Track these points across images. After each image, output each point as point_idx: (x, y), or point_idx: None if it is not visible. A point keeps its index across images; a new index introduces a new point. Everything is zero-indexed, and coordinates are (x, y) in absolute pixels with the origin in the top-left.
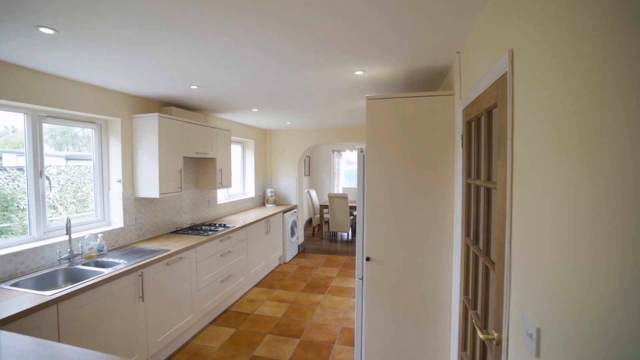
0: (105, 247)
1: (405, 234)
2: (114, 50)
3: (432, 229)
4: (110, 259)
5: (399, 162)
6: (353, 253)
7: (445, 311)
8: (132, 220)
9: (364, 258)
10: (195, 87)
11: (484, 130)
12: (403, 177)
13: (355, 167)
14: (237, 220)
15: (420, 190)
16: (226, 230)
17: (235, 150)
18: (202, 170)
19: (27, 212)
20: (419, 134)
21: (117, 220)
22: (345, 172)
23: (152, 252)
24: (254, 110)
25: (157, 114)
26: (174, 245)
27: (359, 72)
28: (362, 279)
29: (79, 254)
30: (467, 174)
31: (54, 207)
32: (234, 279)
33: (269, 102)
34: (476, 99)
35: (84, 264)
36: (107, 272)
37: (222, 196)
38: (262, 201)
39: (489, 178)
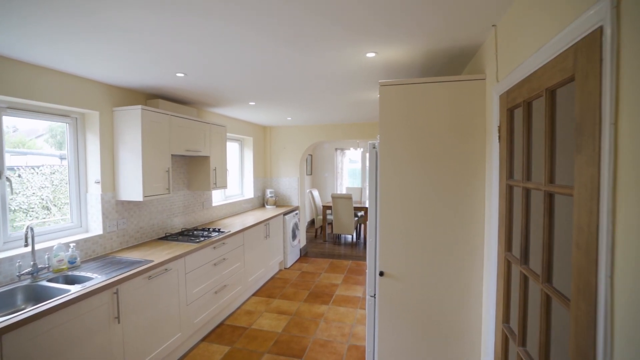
0: (78, 259)
1: (425, 245)
2: (88, 30)
3: (459, 239)
4: (83, 273)
5: (418, 159)
6: (358, 257)
7: (475, 339)
8: (113, 226)
9: (377, 272)
10: (181, 74)
11: (545, 116)
12: (422, 177)
13: (359, 166)
14: (234, 224)
15: (443, 192)
16: (220, 236)
17: (233, 148)
18: (194, 169)
19: None
20: (441, 125)
21: (95, 227)
22: (348, 171)
23: (133, 263)
24: (250, 103)
25: (139, 106)
26: (159, 254)
27: (370, 55)
28: (374, 296)
29: (45, 268)
30: (508, 173)
31: (47, 208)
32: (230, 289)
33: (266, 93)
34: (528, 77)
35: (50, 280)
36: (74, 290)
37: (218, 197)
38: (262, 202)
39: (551, 180)
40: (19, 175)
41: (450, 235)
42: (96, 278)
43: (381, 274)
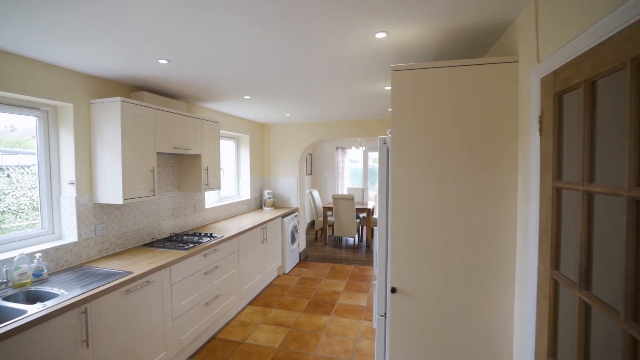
0: (45, 271)
1: (446, 257)
2: (54, 6)
3: (486, 250)
4: (49, 288)
5: (436, 156)
6: (361, 261)
7: None
8: (91, 232)
9: (388, 288)
10: (164, 61)
11: (631, 96)
12: (442, 177)
13: (360, 165)
14: (229, 228)
15: (467, 195)
16: (212, 242)
17: (228, 146)
18: (184, 169)
19: None
20: (464, 117)
21: (69, 233)
22: (349, 171)
23: (109, 276)
24: (245, 97)
25: (118, 98)
26: (141, 264)
27: (380, 35)
28: (384, 315)
29: (3, 283)
30: (556, 173)
31: (38, 209)
32: (222, 299)
33: (263, 85)
34: (595, 49)
35: (7, 297)
36: (32, 311)
37: (212, 199)
38: (259, 204)
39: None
40: (8, 175)
41: (476, 246)
42: (62, 295)
43: (393, 290)
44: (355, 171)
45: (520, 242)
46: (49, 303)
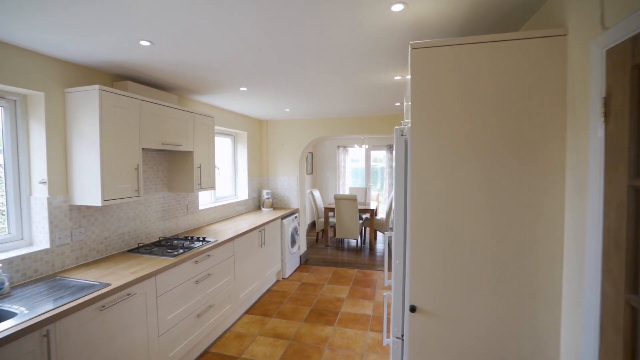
0: (6, 283)
1: (476, 271)
2: None
3: (525, 265)
4: (8, 305)
5: (466, 148)
6: (364, 265)
7: None
8: (66, 237)
9: (405, 306)
10: (146, 42)
11: None
12: (472, 173)
13: (360, 165)
14: (224, 230)
15: (502, 197)
16: (204, 247)
17: (224, 143)
18: (175, 167)
19: None
20: (498, 102)
21: (41, 239)
22: (351, 170)
23: (84, 288)
24: (242, 89)
25: (97, 86)
26: (122, 273)
27: (397, 7)
28: (401, 338)
29: None
30: (634, 170)
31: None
32: (216, 309)
33: (261, 75)
34: None
35: None
36: None
37: (208, 199)
38: (258, 204)
39: None
40: None
41: (513, 258)
42: (21, 314)
43: (412, 309)
44: (357, 170)
45: (571, 256)
46: (2, 325)
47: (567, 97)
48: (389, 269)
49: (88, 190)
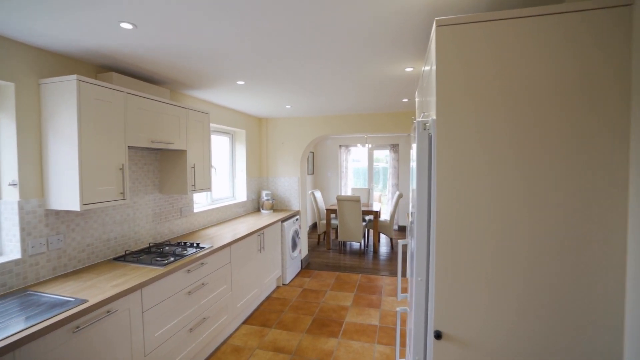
0: None
1: (525, 296)
2: None
3: (591, 292)
4: None
5: (508, 146)
6: (368, 270)
7: None
8: (41, 246)
9: (428, 330)
10: (128, 25)
11: None
12: (512, 175)
13: (361, 165)
14: (221, 235)
15: (547, 202)
16: (198, 254)
17: (222, 142)
18: (167, 167)
19: None
20: (542, 90)
21: (11, 248)
22: (353, 170)
23: (56, 306)
24: (239, 83)
25: (74, 76)
26: (103, 286)
27: None
28: None
29: None
30: None
31: None
32: (211, 321)
33: (259, 67)
34: None
35: None
36: None
37: (204, 201)
38: (257, 206)
39: None
40: None
41: (575, 284)
42: None
43: (438, 335)
44: (358, 171)
45: (636, 277)
46: None
47: (632, 82)
48: (404, 273)
49: (65, 194)
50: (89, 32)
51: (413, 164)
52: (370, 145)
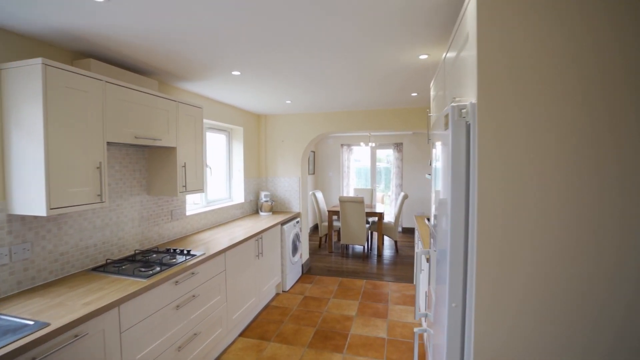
0: None
1: (585, 333)
2: None
3: None
4: None
5: (578, 140)
6: (372, 275)
7: None
8: (3, 256)
9: None
10: None
11: None
12: (581, 178)
13: (363, 164)
14: (216, 239)
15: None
16: (188, 262)
17: (218, 140)
18: (155, 166)
19: None
20: (616, 68)
21: None
22: (356, 170)
23: (9, 332)
24: (234, 73)
25: (39, 59)
26: (73, 304)
27: None
28: None
29: None
30: None
31: None
32: (203, 337)
33: (256, 53)
34: None
35: None
36: None
37: (198, 203)
38: (255, 208)
39: None
40: None
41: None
42: None
43: None
44: (360, 170)
45: None
46: None
47: None
48: (410, 280)
49: (30, 196)
50: (55, 6)
51: (437, 163)
52: (373, 144)
